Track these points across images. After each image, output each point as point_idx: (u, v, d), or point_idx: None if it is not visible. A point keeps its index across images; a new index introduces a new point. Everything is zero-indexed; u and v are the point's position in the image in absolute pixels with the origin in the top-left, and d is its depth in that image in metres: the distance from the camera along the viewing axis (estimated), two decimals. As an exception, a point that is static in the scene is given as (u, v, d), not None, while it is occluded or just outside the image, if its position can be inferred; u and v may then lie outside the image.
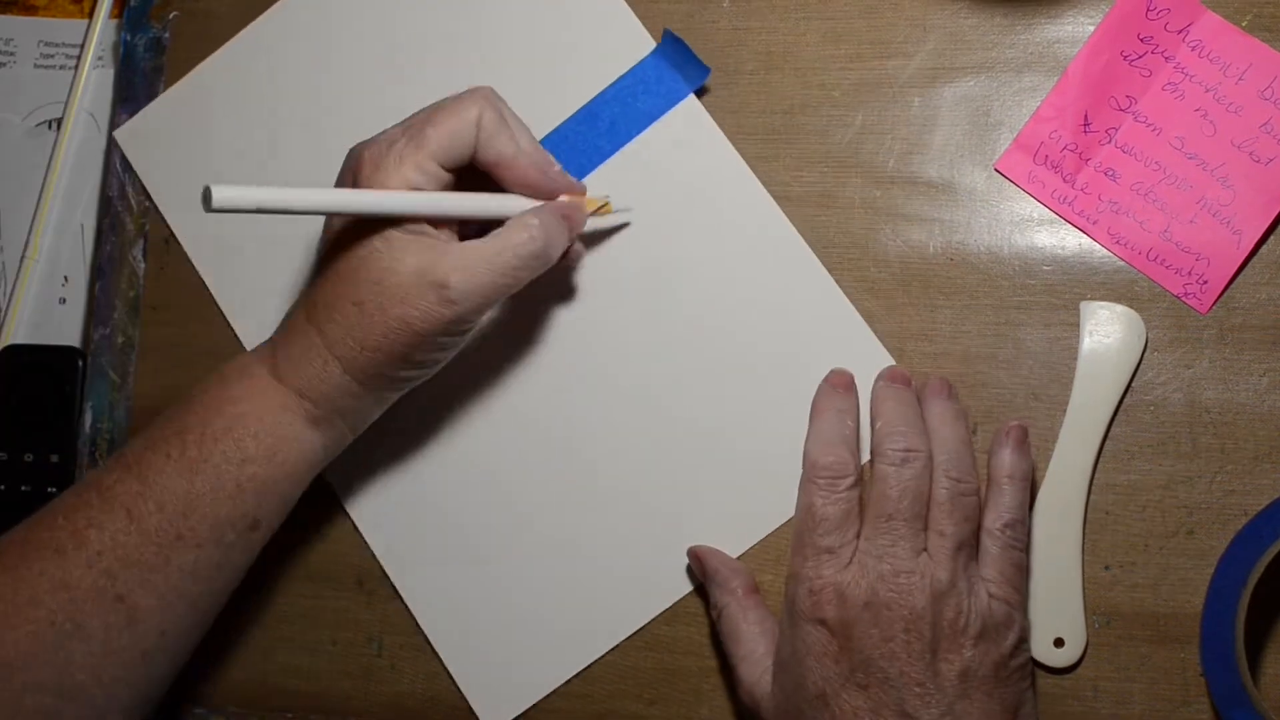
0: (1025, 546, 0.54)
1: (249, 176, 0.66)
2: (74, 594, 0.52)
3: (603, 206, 0.60)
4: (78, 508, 0.54)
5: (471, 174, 0.56)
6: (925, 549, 0.52)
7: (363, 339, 0.54)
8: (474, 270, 0.53)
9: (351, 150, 0.56)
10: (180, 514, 0.53)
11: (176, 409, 0.56)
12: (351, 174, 0.55)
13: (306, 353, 0.55)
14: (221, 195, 0.46)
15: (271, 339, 0.57)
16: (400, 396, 0.58)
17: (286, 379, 0.55)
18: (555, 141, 0.63)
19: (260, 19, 0.67)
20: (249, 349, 0.65)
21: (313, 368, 0.55)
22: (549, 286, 0.62)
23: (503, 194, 0.57)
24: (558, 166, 0.58)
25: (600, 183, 0.63)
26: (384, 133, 0.56)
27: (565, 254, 0.59)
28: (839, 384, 0.58)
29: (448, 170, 0.55)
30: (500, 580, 0.61)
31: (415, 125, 0.55)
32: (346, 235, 0.54)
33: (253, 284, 0.66)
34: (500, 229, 0.55)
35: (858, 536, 0.53)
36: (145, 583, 0.53)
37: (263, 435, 0.54)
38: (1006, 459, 0.55)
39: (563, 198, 0.58)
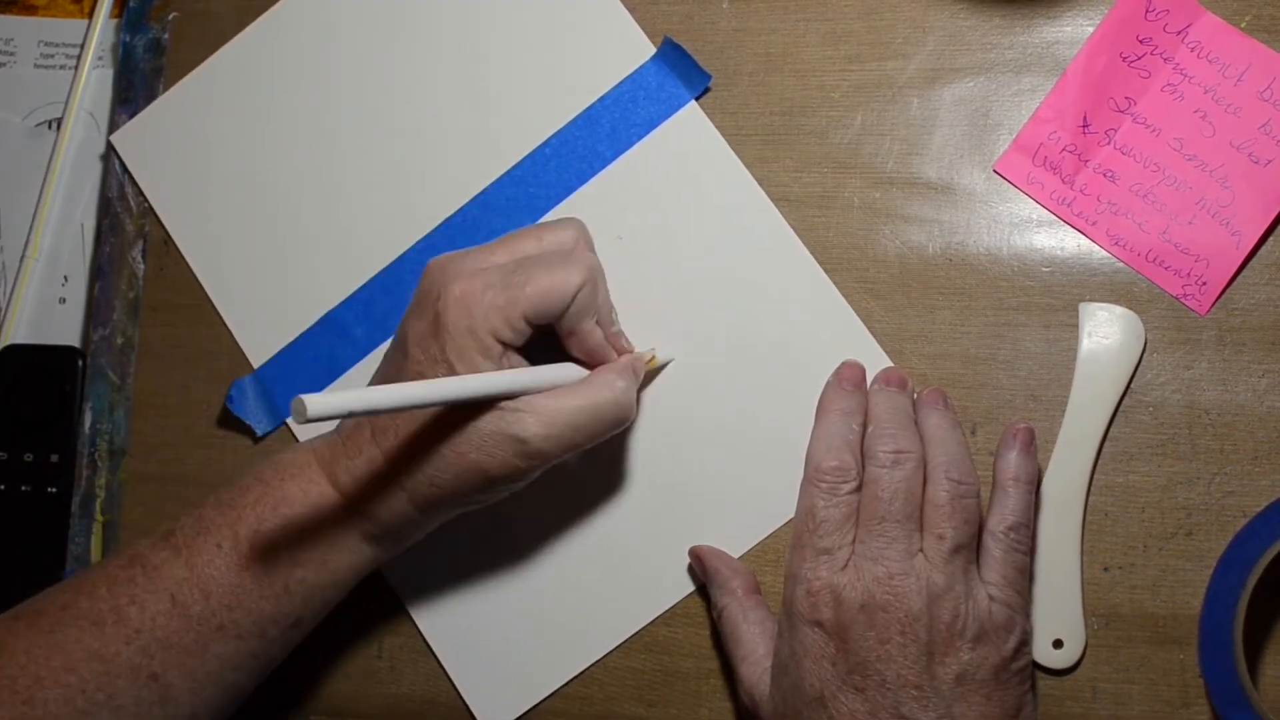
0: (1029, 550, 0.54)
1: (246, 180, 0.66)
2: (109, 667, 0.52)
3: (651, 360, 0.60)
4: (121, 581, 0.54)
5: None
6: (921, 550, 0.52)
7: (435, 479, 0.54)
8: (555, 427, 0.53)
9: (434, 267, 0.55)
10: (225, 606, 0.53)
11: (230, 494, 0.55)
12: (434, 307, 0.53)
13: (371, 474, 0.54)
14: (315, 405, 0.45)
15: (330, 441, 0.56)
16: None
17: (346, 492, 0.55)
18: (555, 147, 0.63)
19: (259, 21, 0.67)
20: (248, 355, 0.65)
21: (375, 490, 0.54)
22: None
23: (569, 364, 0.57)
24: (617, 326, 0.58)
25: (601, 189, 0.63)
26: (472, 262, 0.54)
27: None
28: (848, 381, 0.58)
29: (534, 327, 0.54)
30: (499, 582, 0.61)
31: (514, 277, 0.53)
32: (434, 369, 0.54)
33: (250, 287, 0.65)
34: (584, 385, 0.55)
35: (855, 539, 0.53)
36: (181, 666, 0.53)
37: (319, 543, 0.55)
38: (1013, 461, 0.55)
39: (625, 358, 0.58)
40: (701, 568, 0.59)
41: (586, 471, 0.61)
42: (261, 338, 0.65)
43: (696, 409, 0.61)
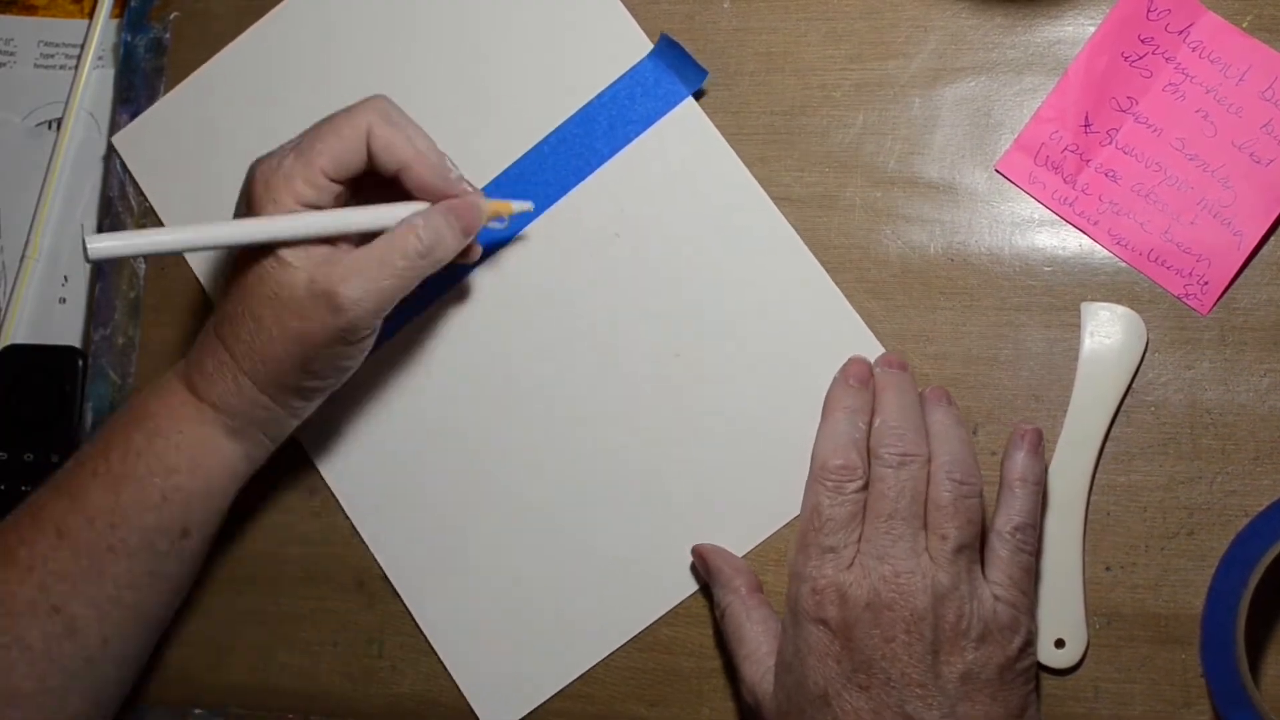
0: (1035, 550, 0.54)
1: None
2: (8, 607, 0.54)
3: (503, 207, 0.60)
4: (8, 528, 0.56)
5: (375, 184, 0.57)
6: (927, 550, 0.52)
7: (264, 353, 0.55)
8: (361, 276, 0.54)
9: (250, 167, 0.56)
10: (109, 526, 0.55)
11: (101, 431, 0.57)
12: (245, 195, 0.55)
13: (218, 368, 0.56)
14: (97, 245, 0.48)
15: (187, 355, 0.58)
16: (315, 405, 0.59)
17: (202, 393, 0.56)
18: (553, 144, 0.63)
19: (260, 21, 0.67)
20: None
21: (224, 382, 0.56)
22: (550, 291, 0.62)
23: (390, 204, 0.57)
24: (456, 171, 0.58)
25: (598, 186, 0.63)
26: (278, 148, 0.56)
27: (466, 253, 0.59)
28: (855, 378, 0.58)
29: (339, 182, 0.55)
30: (501, 582, 0.61)
31: (305, 141, 0.55)
32: (246, 253, 0.55)
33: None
34: (387, 234, 0.55)
35: (861, 538, 0.53)
36: (80, 594, 0.54)
37: (184, 446, 0.56)
38: (1020, 462, 0.55)
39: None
40: (704, 566, 0.59)
41: (588, 472, 0.61)
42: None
43: (698, 408, 0.61)
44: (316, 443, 0.64)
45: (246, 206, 0.55)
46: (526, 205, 0.61)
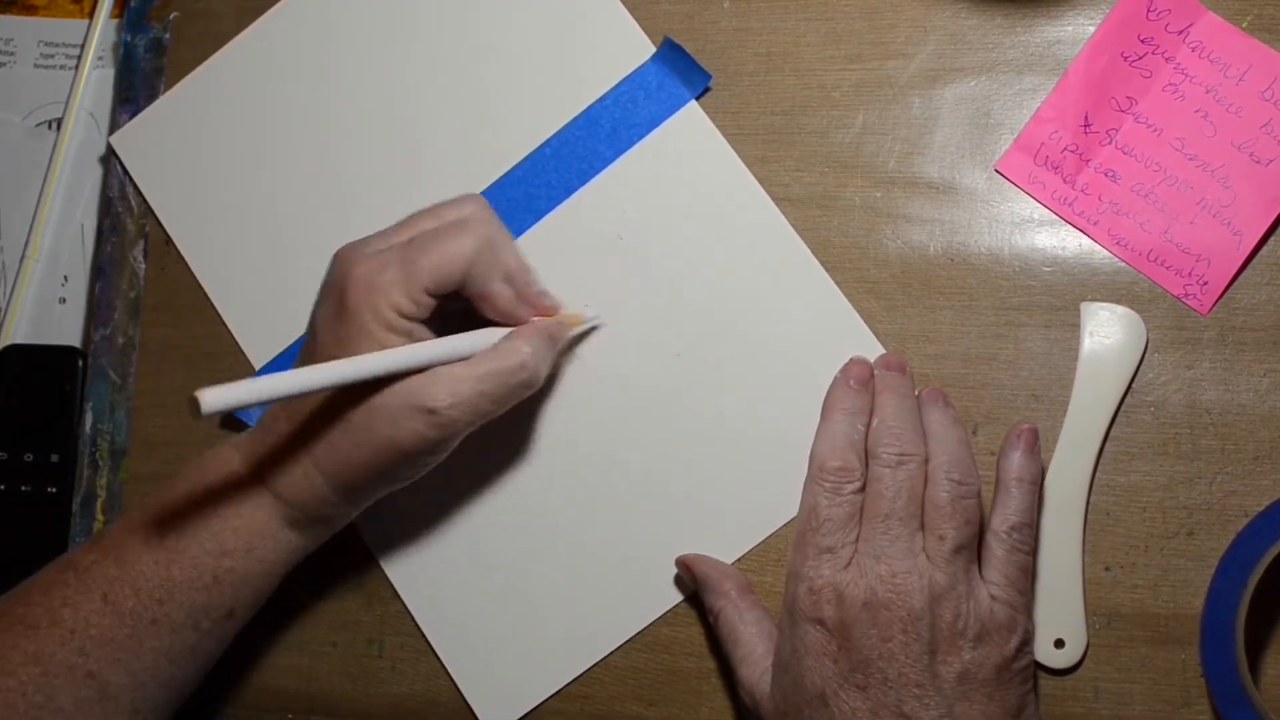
0: (1031, 550, 0.54)
1: (246, 181, 0.66)
2: (46, 668, 0.53)
3: (575, 320, 0.60)
4: (54, 585, 0.54)
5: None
6: (924, 550, 0.52)
7: (347, 455, 0.54)
8: (462, 395, 0.53)
9: (339, 256, 0.55)
10: (156, 600, 0.54)
11: (156, 496, 0.56)
12: (338, 291, 0.54)
13: (289, 459, 0.55)
14: (210, 399, 0.46)
15: (251, 432, 0.57)
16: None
17: (267, 480, 0.55)
18: (555, 147, 0.63)
19: (260, 21, 0.67)
20: (248, 355, 0.65)
21: (294, 475, 0.55)
22: (552, 293, 0.62)
23: (483, 329, 0.56)
24: (536, 287, 0.57)
25: (601, 189, 0.63)
26: (374, 245, 0.55)
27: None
28: (855, 379, 0.58)
29: (436, 298, 0.54)
30: (501, 582, 0.61)
31: (410, 252, 0.54)
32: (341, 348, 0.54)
33: (251, 288, 0.65)
34: (492, 350, 0.55)
35: (858, 538, 0.53)
36: (117, 662, 0.54)
37: (241, 531, 0.55)
38: (1016, 461, 0.55)
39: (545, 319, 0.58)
40: (691, 575, 0.59)
41: (588, 472, 0.61)
42: (262, 338, 0.65)
43: (698, 409, 0.61)
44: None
45: (338, 304, 0.54)
46: (600, 321, 0.62)
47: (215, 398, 0.46)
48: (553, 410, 0.62)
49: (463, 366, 0.54)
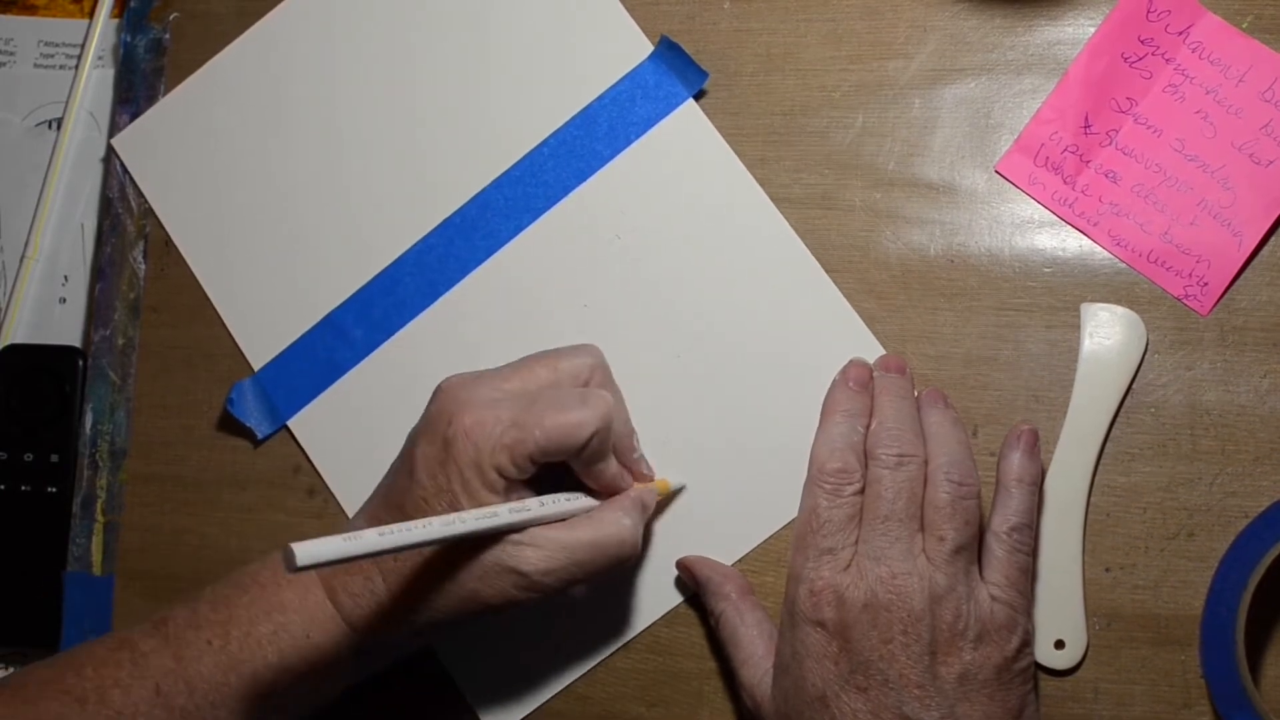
0: (1032, 551, 0.54)
1: (246, 183, 0.66)
2: None
3: (664, 488, 0.59)
4: (108, 664, 0.53)
5: None
6: (924, 551, 0.52)
7: (432, 603, 0.53)
8: (556, 561, 0.52)
9: (445, 391, 0.54)
10: (210, 703, 0.53)
11: (226, 591, 0.55)
12: (443, 435, 0.52)
13: (371, 595, 0.53)
14: (306, 554, 0.45)
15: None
16: None
17: (343, 607, 0.54)
18: (553, 146, 0.63)
19: (261, 21, 0.67)
20: (248, 356, 0.65)
21: (371, 611, 0.53)
22: (551, 293, 0.62)
23: (580, 495, 0.56)
24: (636, 453, 0.57)
25: (599, 188, 0.63)
26: (486, 390, 0.54)
27: None
28: (855, 381, 0.58)
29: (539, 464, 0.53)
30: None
31: (528, 417, 0.52)
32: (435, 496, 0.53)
33: (250, 289, 0.65)
34: (590, 520, 0.54)
35: (858, 540, 0.53)
36: None
37: (309, 655, 0.54)
38: (1016, 462, 0.55)
39: (637, 486, 0.57)
40: (692, 577, 0.59)
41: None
42: (262, 339, 0.65)
43: (698, 410, 0.61)
44: (312, 440, 0.64)
45: (443, 449, 0.52)
46: (684, 484, 0.60)
47: (309, 551, 0.45)
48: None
49: (560, 531, 0.53)
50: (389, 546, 0.47)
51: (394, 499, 0.54)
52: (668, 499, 0.60)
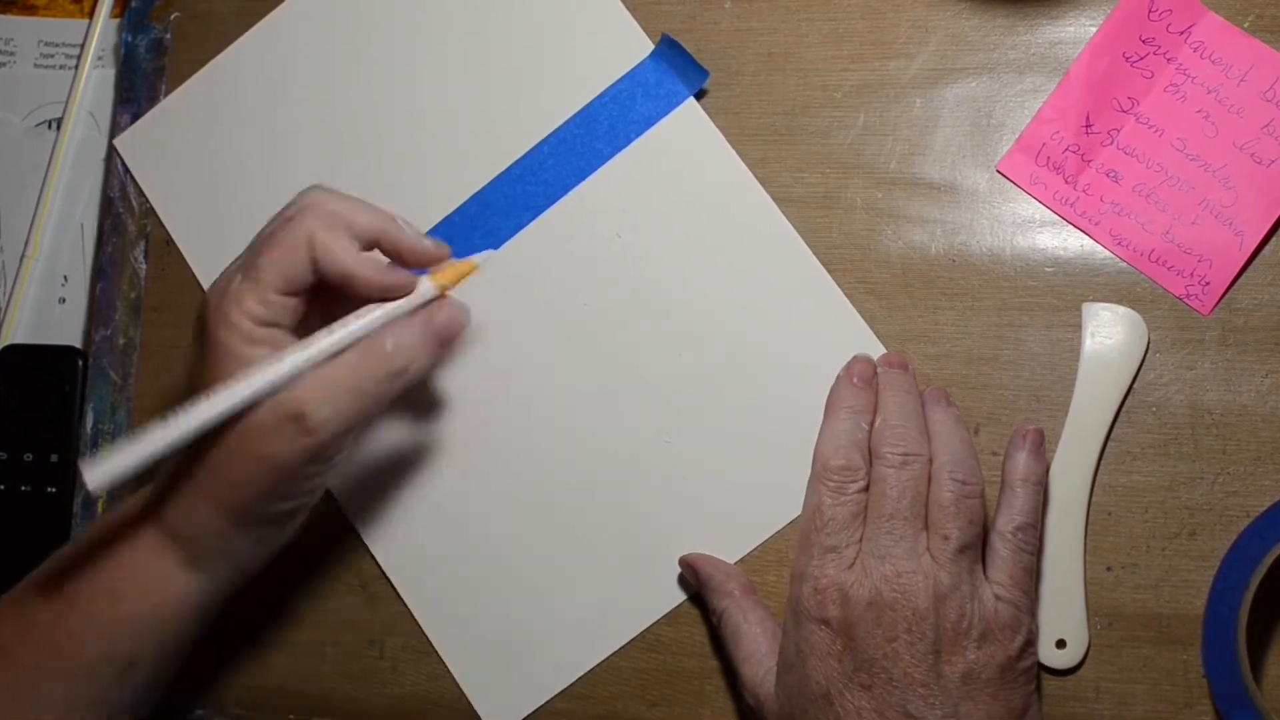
0: (1036, 550, 0.54)
1: (248, 183, 0.66)
2: None
3: (466, 268, 0.57)
4: None
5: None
6: (928, 550, 0.52)
7: (229, 477, 0.52)
8: (332, 397, 0.51)
9: (202, 305, 0.54)
10: (53, 650, 0.53)
11: (62, 551, 0.55)
12: (198, 323, 0.53)
13: (179, 494, 0.53)
14: (94, 476, 0.46)
15: (155, 481, 0.55)
16: (287, 534, 0.57)
17: (161, 519, 0.53)
18: (553, 144, 0.63)
19: (263, 22, 0.67)
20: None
21: (183, 508, 0.53)
22: (551, 292, 0.62)
23: (357, 315, 0.53)
24: (406, 237, 0.54)
25: (599, 187, 0.63)
26: (227, 269, 0.54)
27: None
28: (859, 378, 0.58)
29: (293, 295, 0.52)
30: (503, 582, 0.61)
31: (250, 257, 0.52)
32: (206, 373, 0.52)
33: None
34: (356, 349, 0.52)
35: (862, 538, 0.53)
36: (15, 715, 0.52)
37: (136, 575, 0.53)
38: (1022, 462, 0.55)
39: (424, 282, 0.55)
40: (694, 575, 0.59)
41: (589, 472, 0.61)
42: (264, 338, 0.65)
43: (699, 409, 0.61)
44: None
45: (198, 332, 0.53)
46: (487, 253, 0.59)
47: (101, 473, 0.46)
48: (552, 410, 0.62)
49: (330, 368, 0.52)
50: (178, 436, 0.47)
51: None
52: (465, 278, 0.57)
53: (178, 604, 0.54)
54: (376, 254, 0.54)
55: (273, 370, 0.50)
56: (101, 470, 0.46)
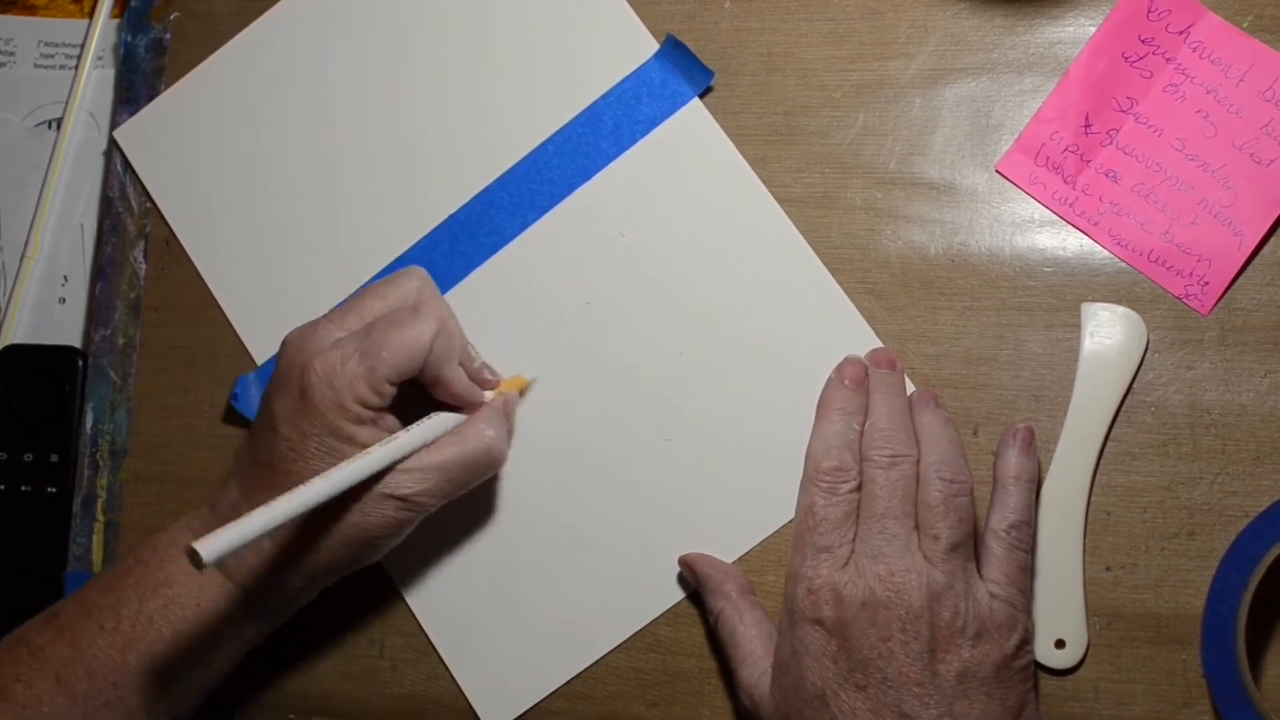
0: (1030, 548, 0.54)
1: (250, 177, 0.66)
2: None
3: (523, 386, 0.61)
4: (7, 662, 0.54)
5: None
6: (921, 549, 0.52)
7: (315, 544, 0.54)
8: (430, 481, 0.55)
9: (290, 344, 0.56)
10: (110, 683, 0.54)
11: (111, 577, 0.56)
12: (298, 385, 0.54)
13: (255, 552, 0.55)
14: (210, 549, 0.46)
15: (207, 520, 0.56)
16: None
17: (228, 570, 0.55)
18: (558, 144, 0.63)
19: (261, 19, 0.67)
20: (251, 351, 0.65)
21: (260, 566, 0.55)
22: (554, 291, 0.62)
23: (441, 415, 0.57)
24: (478, 363, 0.59)
25: (603, 186, 0.63)
26: (327, 332, 0.55)
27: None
28: (850, 379, 0.58)
29: (399, 384, 0.55)
30: (502, 581, 0.61)
31: (370, 344, 0.54)
32: (308, 443, 0.54)
33: (254, 284, 0.66)
34: (457, 435, 0.56)
35: (855, 538, 0.53)
36: None
37: (200, 620, 0.54)
38: (1013, 460, 0.55)
39: (490, 395, 0.59)
40: (693, 574, 0.59)
41: (588, 472, 0.61)
42: (265, 334, 0.65)
43: (699, 408, 0.61)
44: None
45: (300, 398, 0.54)
46: (538, 375, 0.62)
47: (213, 547, 0.46)
48: (552, 409, 0.62)
49: (427, 455, 0.55)
50: (282, 519, 0.49)
51: (261, 456, 0.55)
52: (525, 392, 0.62)
53: (233, 648, 0.56)
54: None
55: (382, 453, 0.53)
56: (213, 545, 0.46)
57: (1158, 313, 0.58)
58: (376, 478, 0.54)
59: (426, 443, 0.55)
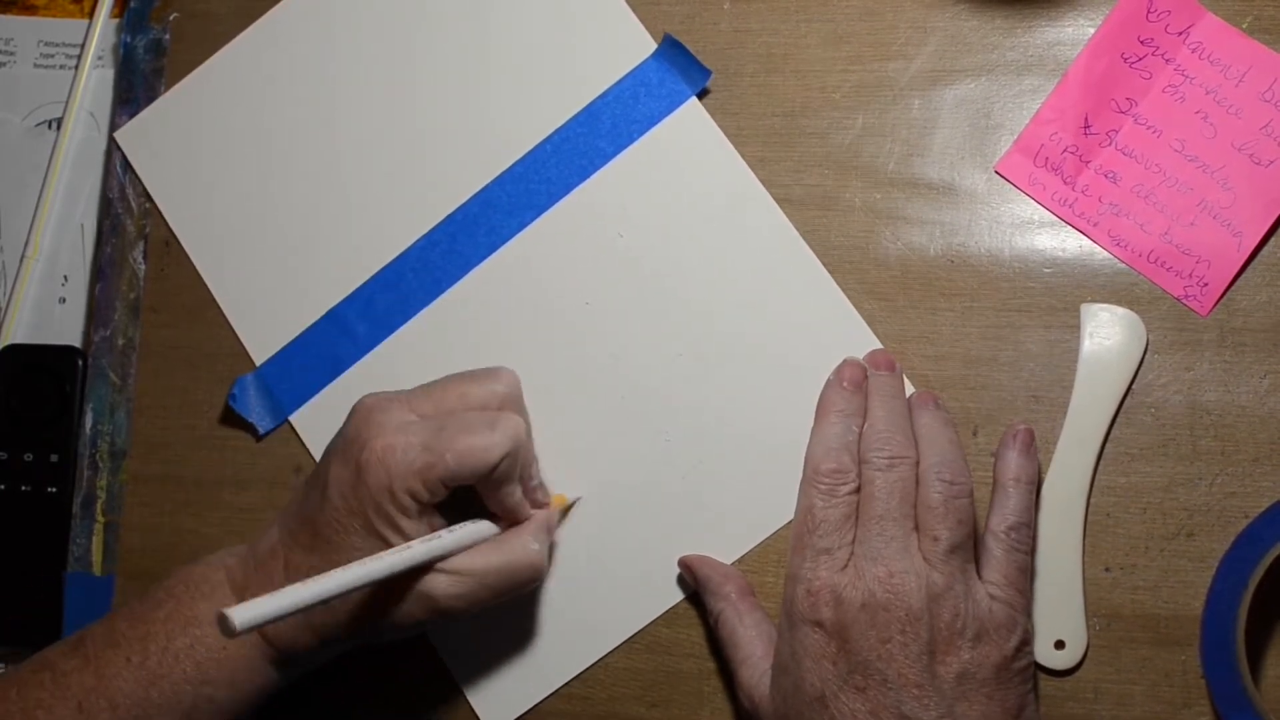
0: (1030, 550, 0.54)
1: (249, 177, 0.66)
2: None
3: (565, 507, 0.61)
4: (31, 686, 0.54)
5: None
6: (920, 551, 0.52)
7: (345, 620, 0.54)
8: (466, 586, 0.54)
9: (360, 411, 0.55)
10: (133, 717, 0.53)
11: (143, 607, 0.55)
12: (357, 457, 0.53)
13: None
14: (243, 617, 0.46)
15: (244, 561, 0.56)
16: None
17: (267, 633, 0.55)
18: (556, 143, 0.63)
19: (261, 20, 0.67)
20: (250, 352, 0.65)
21: (288, 627, 0.54)
22: (552, 291, 0.62)
23: (484, 521, 0.56)
24: (537, 480, 0.58)
25: (601, 186, 0.63)
26: (399, 413, 0.55)
27: None
28: (849, 381, 0.58)
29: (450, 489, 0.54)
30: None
31: (438, 441, 0.53)
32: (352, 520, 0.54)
33: (253, 284, 0.66)
34: (499, 545, 0.55)
35: (854, 540, 0.53)
36: None
37: (226, 664, 0.54)
38: (1013, 462, 0.55)
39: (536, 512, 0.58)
40: (693, 576, 0.59)
41: (587, 471, 0.61)
42: (264, 335, 0.65)
43: (698, 409, 0.61)
44: (314, 436, 0.64)
45: (356, 472, 0.53)
46: (577, 496, 0.61)
47: (246, 618, 0.46)
48: (551, 408, 0.62)
49: (468, 559, 0.54)
50: (316, 598, 0.49)
51: (308, 515, 0.55)
52: (568, 512, 0.61)
53: (257, 694, 0.56)
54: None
55: (424, 550, 0.53)
56: (245, 616, 0.46)
57: (1157, 313, 0.58)
58: (414, 572, 0.53)
59: (464, 546, 0.54)
